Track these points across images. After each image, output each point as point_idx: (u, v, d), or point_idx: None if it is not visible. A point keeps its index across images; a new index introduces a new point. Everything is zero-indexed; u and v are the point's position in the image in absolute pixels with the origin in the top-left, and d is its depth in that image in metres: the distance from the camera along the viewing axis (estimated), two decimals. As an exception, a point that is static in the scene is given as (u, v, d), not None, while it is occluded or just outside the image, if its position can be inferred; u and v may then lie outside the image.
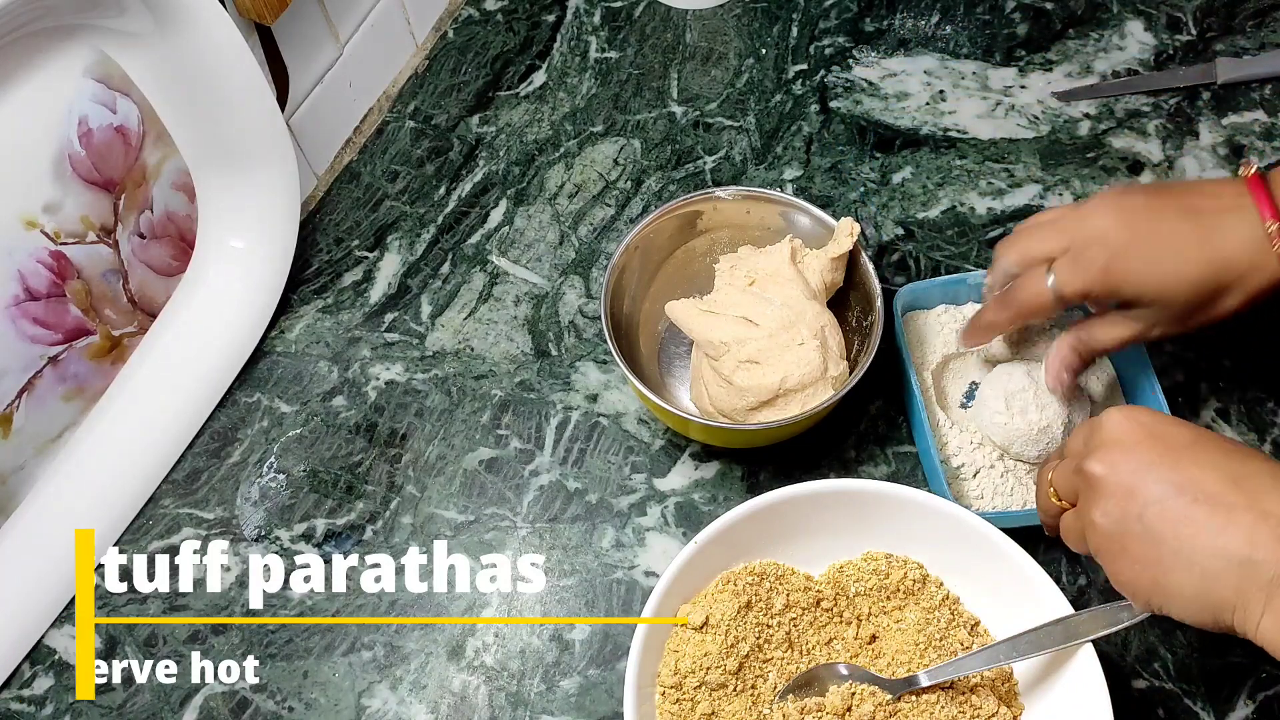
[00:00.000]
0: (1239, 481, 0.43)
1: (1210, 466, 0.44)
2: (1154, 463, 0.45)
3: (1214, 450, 0.45)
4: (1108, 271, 0.55)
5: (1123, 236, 0.54)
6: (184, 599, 0.67)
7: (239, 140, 0.69)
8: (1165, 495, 0.44)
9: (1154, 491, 0.44)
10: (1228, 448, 0.45)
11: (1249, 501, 0.42)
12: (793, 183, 0.81)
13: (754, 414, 0.64)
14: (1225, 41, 0.85)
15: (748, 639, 0.58)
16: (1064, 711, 0.56)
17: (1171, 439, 0.46)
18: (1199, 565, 0.43)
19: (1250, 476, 0.43)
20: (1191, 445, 0.45)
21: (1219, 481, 0.43)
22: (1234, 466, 0.44)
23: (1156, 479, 0.45)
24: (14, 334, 0.62)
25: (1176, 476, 0.44)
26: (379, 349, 0.75)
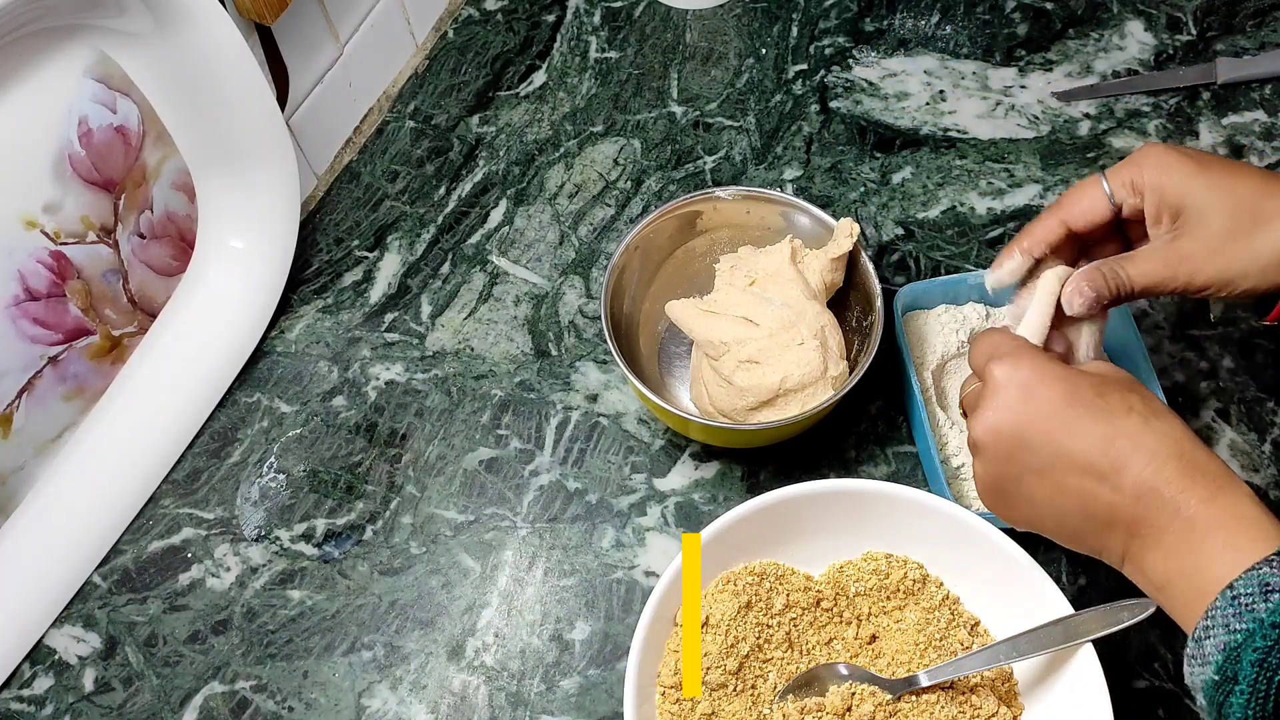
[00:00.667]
0: (1106, 447, 0.47)
1: (1081, 434, 0.47)
2: (1029, 432, 0.49)
3: (1084, 413, 0.48)
4: (1159, 163, 0.54)
5: (1181, 148, 0.55)
6: (184, 599, 0.67)
7: (239, 140, 0.69)
8: (1039, 467, 0.49)
9: (1029, 462, 0.49)
10: (1097, 406, 0.48)
11: (1113, 469, 0.47)
12: (793, 183, 0.81)
13: (754, 414, 0.64)
14: (1225, 41, 0.85)
15: (748, 639, 0.58)
16: (1064, 711, 0.56)
17: (1046, 400, 0.49)
18: (1070, 524, 0.49)
19: (1115, 439, 0.47)
20: (1065, 408, 0.48)
21: (1088, 449, 0.47)
22: (1102, 429, 0.47)
23: (1030, 450, 0.49)
24: (14, 334, 0.62)
25: (1049, 448, 0.48)
26: (379, 349, 0.76)
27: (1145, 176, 0.54)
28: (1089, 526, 0.48)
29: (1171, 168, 0.54)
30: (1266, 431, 0.69)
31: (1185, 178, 0.53)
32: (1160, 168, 0.54)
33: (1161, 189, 0.54)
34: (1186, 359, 0.72)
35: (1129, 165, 0.55)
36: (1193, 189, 0.53)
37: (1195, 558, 0.44)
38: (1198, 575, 0.44)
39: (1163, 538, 0.46)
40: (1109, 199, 0.55)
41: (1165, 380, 0.71)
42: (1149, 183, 0.54)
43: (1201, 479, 0.45)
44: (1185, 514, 0.45)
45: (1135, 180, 0.54)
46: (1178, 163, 0.54)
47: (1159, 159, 0.54)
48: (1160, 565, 0.46)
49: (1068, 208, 0.57)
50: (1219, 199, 0.52)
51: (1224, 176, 0.53)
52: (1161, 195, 0.54)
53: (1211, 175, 0.53)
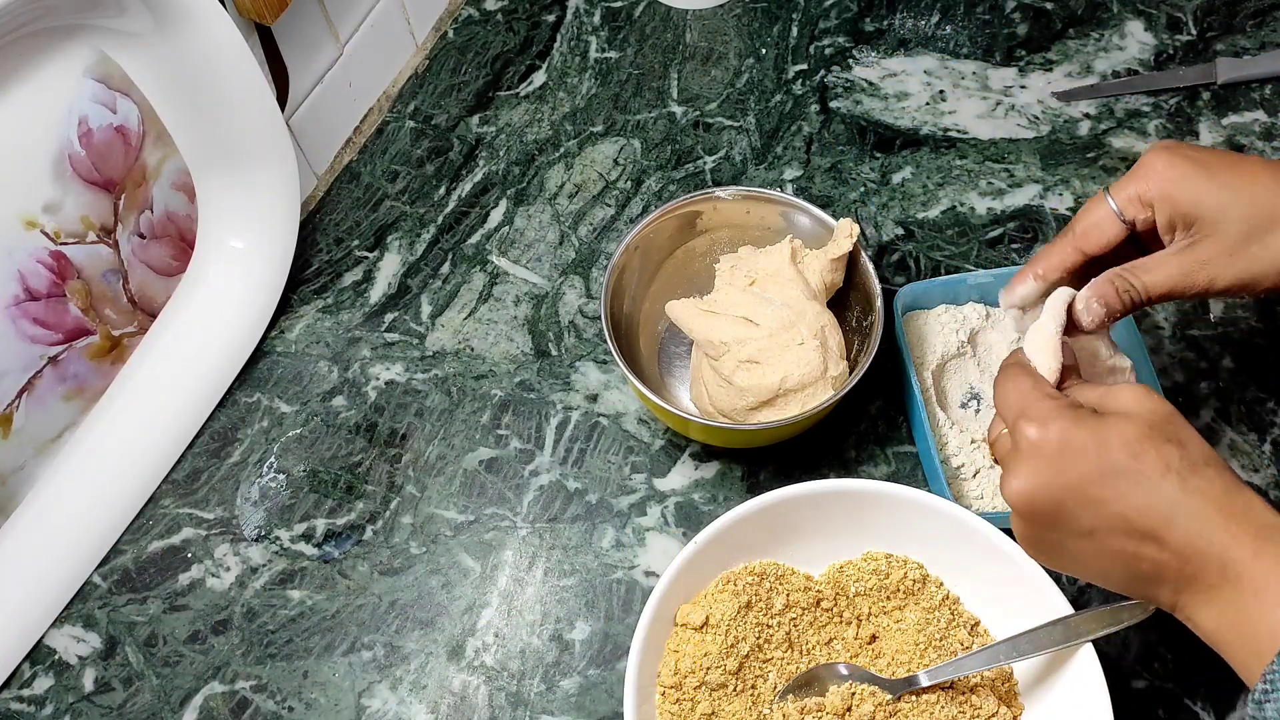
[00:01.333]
0: (1148, 513, 0.45)
1: (1120, 500, 0.46)
2: (1067, 502, 0.47)
3: (1122, 479, 0.46)
4: (1167, 174, 0.52)
5: (1187, 151, 0.53)
6: (184, 599, 0.67)
7: (239, 140, 0.69)
8: (1080, 533, 0.47)
9: (1070, 528, 0.48)
10: (1133, 471, 0.46)
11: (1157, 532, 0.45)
12: (793, 183, 0.81)
13: (754, 414, 0.64)
14: (1225, 41, 0.85)
15: (748, 639, 0.58)
16: (1064, 711, 0.56)
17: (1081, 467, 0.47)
18: (1115, 582, 0.49)
19: (1157, 505, 0.45)
20: (1100, 476, 0.46)
21: (1130, 517, 0.46)
22: (1141, 497, 0.46)
23: (1071, 519, 0.47)
24: (14, 334, 0.62)
25: (1089, 517, 0.47)
26: (379, 349, 0.76)
27: (1152, 188, 0.53)
28: (1135, 583, 0.48)
29: (1179, 177, 0.52)
30: (1266, 431, 0.69)
31: (1194, 185, 0.52)
32: (1167, 179, 0.52)
33: (1171, 200, 0.52)
34: (1186, 359, 0.72)
35: (1134, 178, 0.54)
36: (1203, 196, 0.52)
37: (1247, 616, 0.44)
38: (1251, 634, 0.43)
39: (1212, 595, 0.45)
40: (1119, 217, 0.54)
41: (1165, 380, 0.71)
42: (1157, 195, 0.53)
43: (1245, 531, 0.44)
44: (1233, 571, 0.44)
45: (1143, 194, 0.53)
46: (1185, 170, 0.52)
47: (1165, 168, 0.53)
48: (1213, 621, 0.45)
49: (1081, 235, 0.55)
50: (1232, 203, 0.51)
51: (1234, 178, 0.52)
52: (1172, 206, 0.52)
53: (1221, 179, 0.52)
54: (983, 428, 0.68)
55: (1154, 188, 0.53)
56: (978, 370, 0.71)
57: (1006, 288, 0.59)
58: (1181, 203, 0.52)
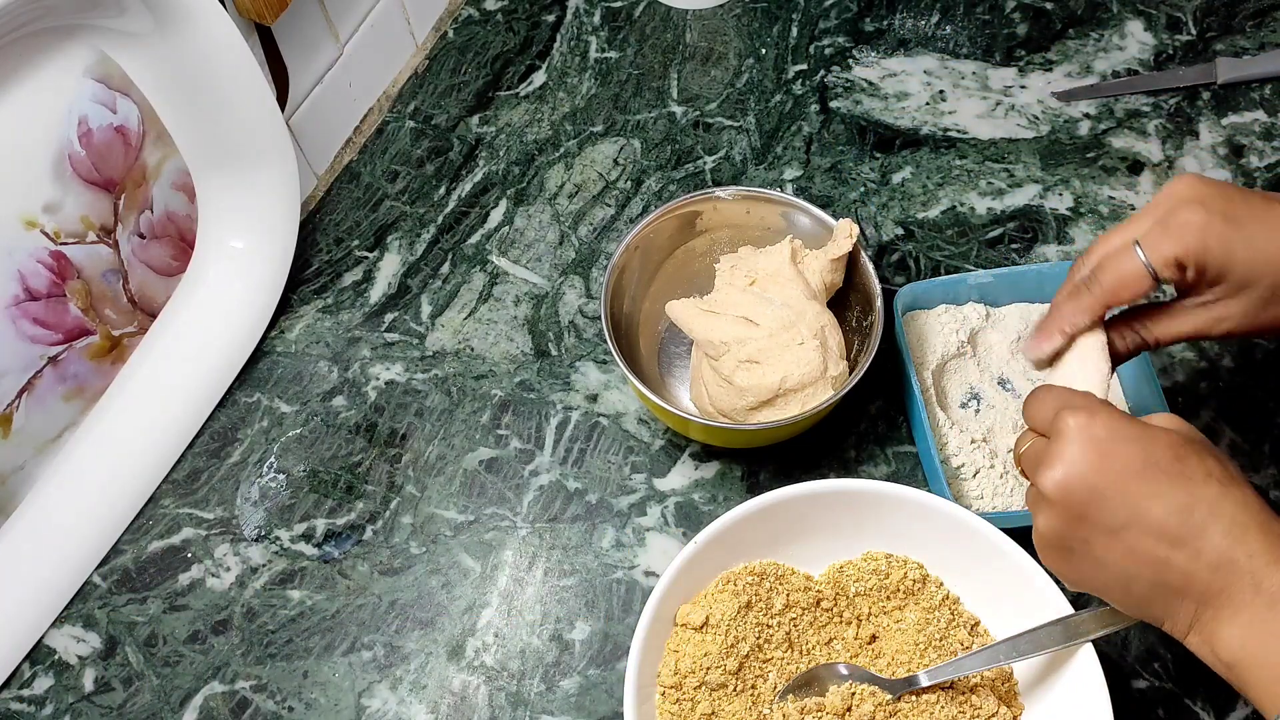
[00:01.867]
0: (1185, 514, 0.44)
1: (1158, 498, 0.45)
2: (1105, 493, 0.46)
3: (1163, 477, 0.45)
4: (1204, 233, 0.50)
5: (1219, 204, 0.51)
6: (184, 599, 0.67)
7: (239, 140, 0.69)
8: (1113, 528, 0.46)
9: (1103, 523, 0.46)
10: (1175, 472, 0.45)
11: (1191, 536, 0.44)
12: (793, 183, 0.81)
13: (754, 414, 0.64)
14: (1225, 41, 0.85)
15: (748, 639, 0.58)
16: (1064, 711, 0.56)
17: (1123, 462, 0.46)
18: (1137, 591, 0.47)
19: (1195, 507, 0.44)
20: (1142, 470, 0.45)
21: (1166, 515, 0.45)
22: (1181, 497, 0.45)
23: (1106, 511, 0.46)
24: (14, 334, 0.62)
25: (1125, 511, 0.45)
26: (379, 349, 0.76)
27: (1190, 250, 0.51)
28: (1157, 594, 0.46)
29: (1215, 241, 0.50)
30: (1267, 431, 0.69)
31: (1229, 251, 0.50)
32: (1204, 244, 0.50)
33: (1205, 264, 0.51)
34: (1186, 359, 0.72)
35: (1169, 237, 0.51)
36: (1237, 262, 0.50)
37: (1277, 639, 0.43)
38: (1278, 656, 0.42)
39: (1240, 612, 0.44)
40: (1151, 275, 0.52)
41: (1165, 380, 0.71)
42: (1193, 258, 0.51)
43: None
44: (1267, 590, 0.43)
45: (1180, 257, 0.51)
46: (1222, 233, 0.50)
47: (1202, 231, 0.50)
48: (1235, 641, 0.44)
49: (1111, 291, 0.53)
50: (1265, 269, 0.50)
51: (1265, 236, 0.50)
52: (1204, 269, 0.51)
53: (1256, 244, 0.50)
54: (983, 428, 0.68)
55: (1191, 250, 0.51)
56: (978, 370, 0.71)
57: (1030, 342, 0.57)
58: (1213, 267, 0.51)
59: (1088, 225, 0.78)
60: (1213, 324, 0.53)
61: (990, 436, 0.68)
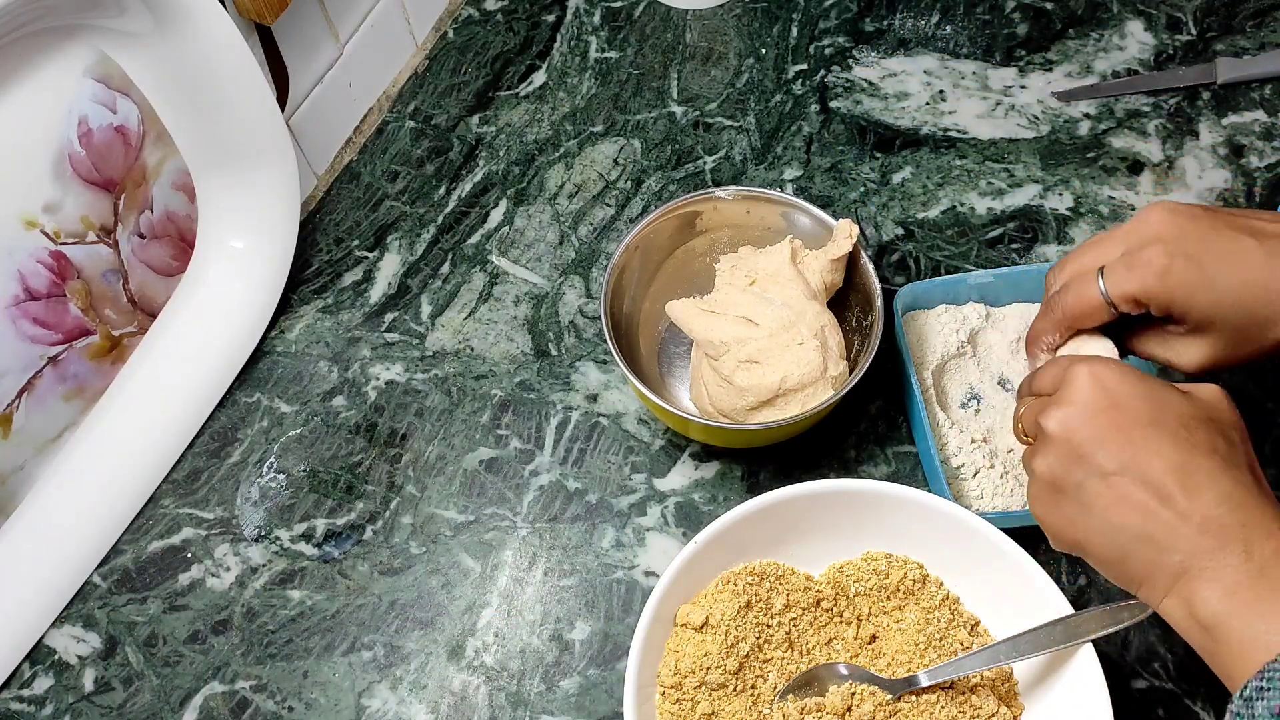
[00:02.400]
0: (1181, 474, 0.45)
1: (1158, 454, 0.45)
2: (1106, 436, 0.46)
3: (1167, 437, 0.45)
4: (1165, 276, 0.51)
5: (1183, 244, 0.51)
6: (184, 599, 0.67)
7: (239, 140, 0.69)
8: (1108, 472, 0.46)
9: (1099, 465, 0.46)
10: (1181, 437, 0.45)
11: (1183, 495, 0.44)
12: (793, 183, 0.81)
13: (754, 414, 0.64)
14: (1225, 41, 0.85)
15: (748, 639, 0.58)
16: (1064, 711, 0.56)
17: (1131, 413, 0.46)
18: (1120, 542, 0.46)
19: (1193, 472, 0.45)
20: (1148, 425, 0.46)
21: (1162, 471, 0.45)
22: (1181, 457, 0.45)
23: (1105, 453, 0.46)
24: (14, 334, 0.62)
25: (1124, 456, 0.46)
26: (379, 349, 0.76)
27: (1148, 289, 0.51)
28: (1139, 548, 0.46)
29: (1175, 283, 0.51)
30: (1267, 432, 0.69)
31: (1189, 293, 0.51)
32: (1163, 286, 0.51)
33: (1166, 304, 0.51)
34: (1186, 359, 0.72)
35: (1131, 275, 0.52)
36: (1198, 304, 0.51)
37: (1260, 607, 0.42)
38: (1259, 628, 0.42)
39: (1225, 575, 0.43)
40: (1109, 307, 0.53)
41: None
42: (1152, 298, 0.52)
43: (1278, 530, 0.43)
44: (1257, 559, 0.42)
45: (1138, 295, 0.52)
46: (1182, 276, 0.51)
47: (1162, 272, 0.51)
48: (1214, 604, 0.43)
49: (1072, 318, 0.55)
50: (1228, 313, 0.50)
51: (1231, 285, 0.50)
52: (1166, 308, 0.52)
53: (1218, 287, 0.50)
54: (983, 428, 0.68)
55: (1150, 291, 0.51)
56: (978, 370, 0.71)
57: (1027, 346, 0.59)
58: (1175, 307, 0.51)
59: (1088, 225, 0.78)
60: (1178, 358, 0.54)
61: (990, 436, 0.68)
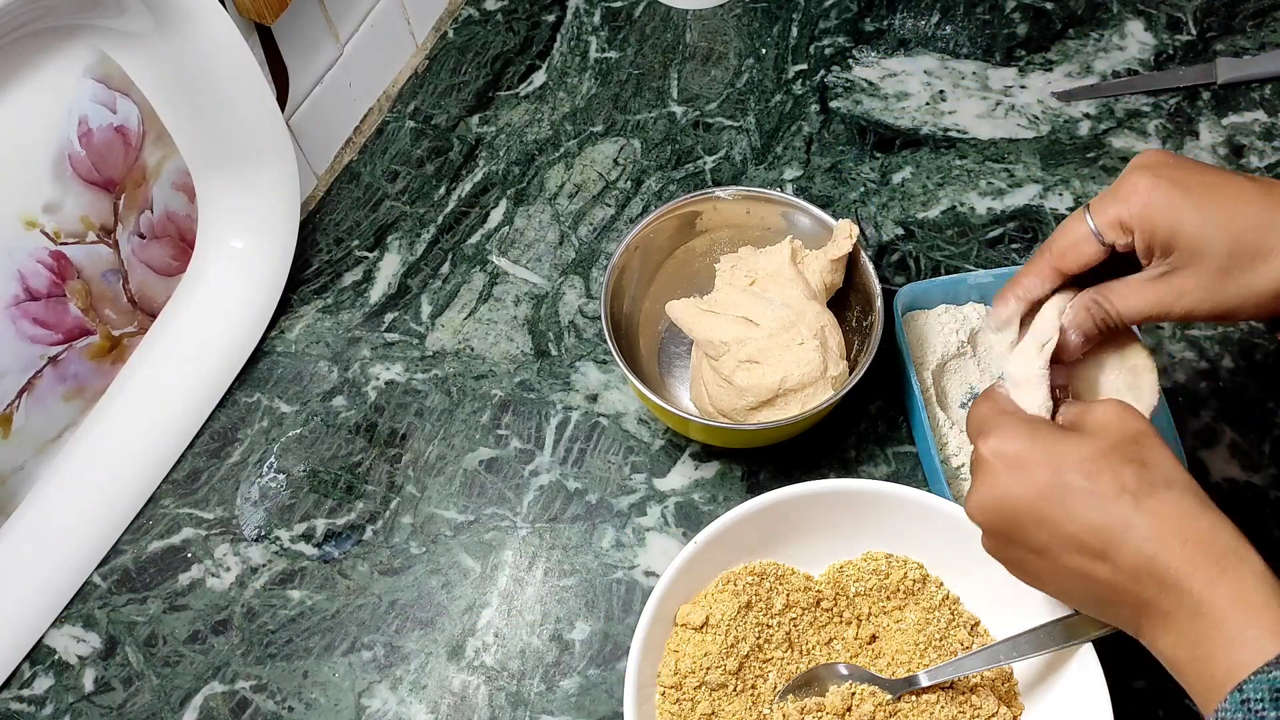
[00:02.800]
0: (1099, 533, 0.45)
1: (1071, 521, 0.46)
2: (1020, 519, 0.48)
3: (1074, 498, 0.46)
4: (1148, 199, 0.50)
5: (1170, 171, 0.51)
6: (184, 599, 0.67)
7: (239, 140, 0.69)
8: (1038, 548, 0.48)
9: (1027, 544, 0.48)
10: (1086, 491, 0.46)
11: (1109, 552, 0.45)
12: (793, 183, 0.81)
13: (754, 414, 0.64)
14: (1225, 41, 0.85)
15: (748, 639, 0.58)
16: (1064, 711, 0.56)
17: (1034, 488, 0.47)
18: (1077, 599, 0.49)
19: (1108, 525, 0.45)
20: (1054, 495, 0.46)
21: (1083, 535, 0.46)
22: (1093, 516, 0.46)
23: (1028, 535, 0.48)
24: (14, 334, 0.62)
25: (1043, 534, 0.47)
26: (379, 349, 0.76)
27: (1133, 213, 0.50)
28: (1095, 605, 0.48)
29: (1160, 203, 0.50)
30: (1267, 431, 0.69)
31: (1176, 215, 0.50)
32: (1148, 204, 0.50)
33: (1151, 227, 0.50)
34: (1186, 359, 0.72)
35: (1115, 200, 0.51)
36: (1185, 226, 0.49)
37: (1205, 648, 0.43)
38: (1208, 666, 0.43)
39: (1169, 621, 0.44)
40: (1098, 239, 0.52)
41: (1165, 380, 0.71)
42: (1137, 221, 0.51)
43: (1205, 559, 0.43)
44: (1191, 600, 0.43)
45: (1123, 219, 0.51)
46: (1167, 195, 0.50)
47: (1147, 191, 0.50)
48: (1169, 650, 0.44)
49: (1058, 255, 0.54)
50: (1215, 236, 0.49)
51: (1220, 210, 0.49)
52: (1152, 234, 0.50)
53: (1204, 207, 0.49)
54: None
55: (1134, 212, 0.51)
56: (978, 370, 0.71)
57: (989, 312, 0.57)
58: (1160, 231, 0.50)
59: (1088, 225, 0.78)
60: (1172, 299, 0.51)
61: (990, 436, 0.68)
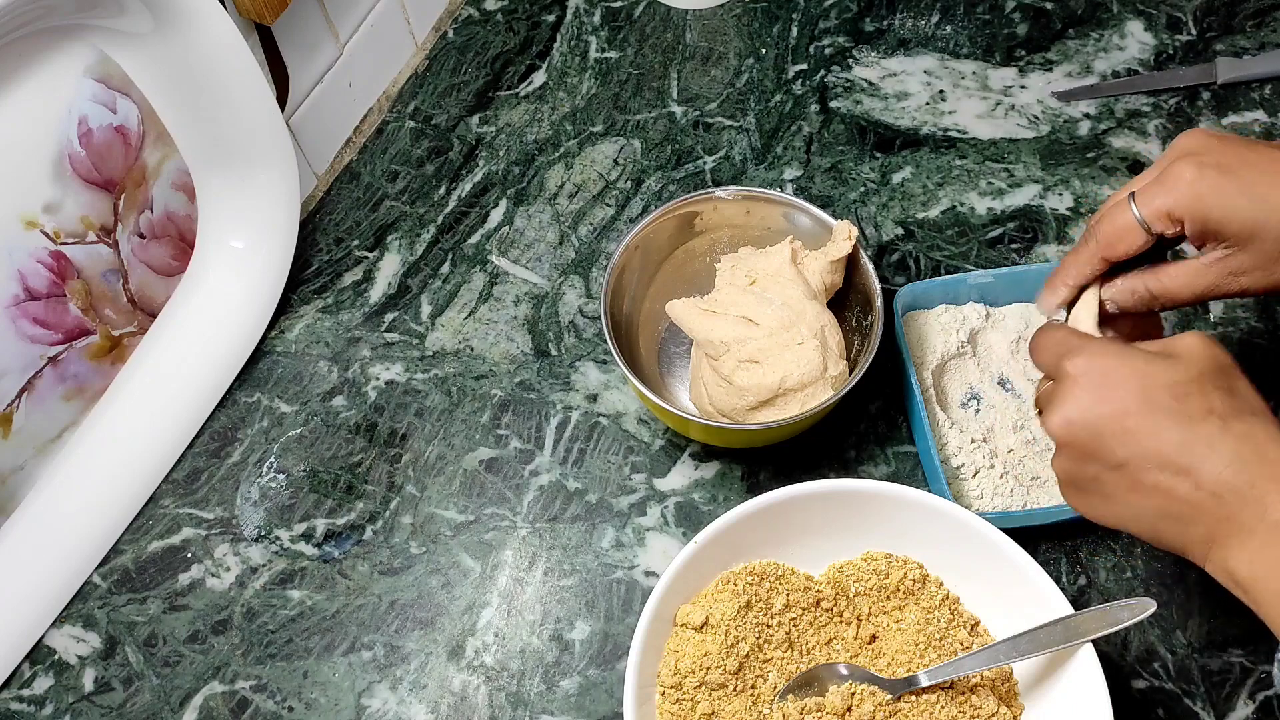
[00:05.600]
0: (1183, 449, 0.45)
1: (1157, 436, 0.46)
2: (1106, 431, 0.47)
3: (1162, 415, 0.46)
4: (1196, 189, 0.50)
5: (1214, 156, 0.51)
6: (184, 599, 0.67)
7: (239, 140, 0.69)
8: (1118, 463, 0.47)
9: (1107, 459, 0.48)
10: (1174, 410, 0.46)
11: (1191, 469, 0.45)
12: (793, 183, 0.81)
13: (754, 414, 0.64)
14: (1225, 41, 0.85)
15: (748, 639, 0.58)
16: (1064, 711, 0.56)
17: (1123, 401, 0.47)
18: (1149, 521, 0.48)
19: (1194, 444, 0.45)
20: (1141, 409, 0.47)
21: (1167, 451, 0.46)
22: (1179, 433, 0.46)
23: (1109, 448, 0.47)
24: (14, 334, 0.62)
25: (1127, 447, 0.47)
26: (379, 349, 0.76)
27: (1181, 204, 0.51)
28: (1168, 524, 0.47)
29: (1209, 192, 0.50)
30: (1266, 431, 0.69)
31: (1226, 201, 0.50)
32: (1197, 194, 0.50)
33: (1202, 218, 0.50)
34: (1186, 359, 0.72)
35: (1162, 190, 0.51)
36: (1236, 212, 0.50)
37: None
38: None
39: (1248, 539, 0.44)
40: (1144, 229, 0.52)
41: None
42: (1186, 212, 0.51)
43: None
44: (1272, 516, 0.43)
45: (1171, 210, 0.51)
46: (1215, 183, 0.50)
47: (1194, 183, 0.50)
48: (1246, 566, 0.44)
49: (1105, 245, 0.54)
50: (1269, 217, 0.49)
51: (1269, 191, 0.49)
52: (1204, 223, 0.51)
53: (1256, 194, 0.49)
54: (983, 428, 0.68)
55: (1183, 203, 0.51)
56: (978, 370, 0.71)
57: (1040, 296, 0.58)
58: (1213, 220, 0.50)
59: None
60: (1228, 279, 0.52)
61: (990, 436, 0.68)
